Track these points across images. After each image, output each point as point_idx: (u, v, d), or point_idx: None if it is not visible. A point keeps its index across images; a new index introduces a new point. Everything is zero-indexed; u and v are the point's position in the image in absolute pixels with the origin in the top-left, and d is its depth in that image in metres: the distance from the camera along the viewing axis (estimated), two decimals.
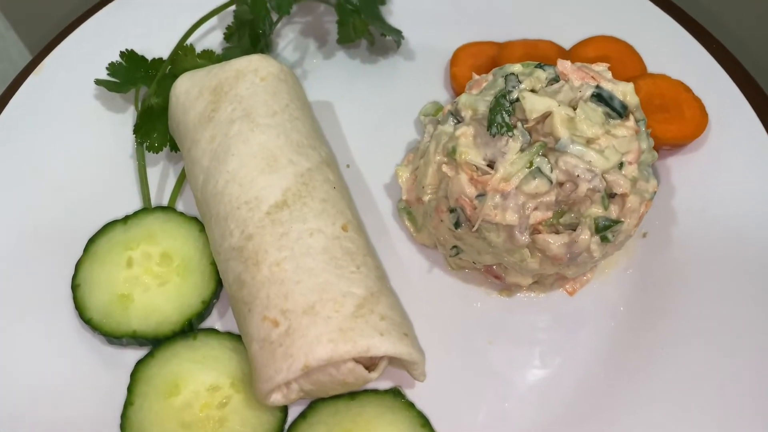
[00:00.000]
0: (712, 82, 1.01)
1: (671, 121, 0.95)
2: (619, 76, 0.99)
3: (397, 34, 1.09)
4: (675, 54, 1.04)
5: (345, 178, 1.00)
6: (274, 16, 1.08)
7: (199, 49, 1.10)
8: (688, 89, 0.98)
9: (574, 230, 0.80)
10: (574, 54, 1.03)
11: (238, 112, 0.89)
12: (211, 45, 1.13)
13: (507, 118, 0.79)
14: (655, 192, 0.83)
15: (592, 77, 0.84)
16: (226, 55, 1.09)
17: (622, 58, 1.02)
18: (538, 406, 0.83)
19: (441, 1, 1.15)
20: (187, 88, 0.94)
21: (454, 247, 0.88)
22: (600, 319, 0.89)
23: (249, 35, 1.09)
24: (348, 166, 1.02)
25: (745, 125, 0.97)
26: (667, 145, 0.96)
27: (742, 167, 0.94)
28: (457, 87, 1.07)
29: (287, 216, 0.82)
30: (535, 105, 0.78)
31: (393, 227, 0.97)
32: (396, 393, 0.81)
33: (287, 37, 1.15)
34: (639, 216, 0.82)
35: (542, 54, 1.05)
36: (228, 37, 1.12)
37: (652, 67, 1.03)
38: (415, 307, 0.89)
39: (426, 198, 0.89)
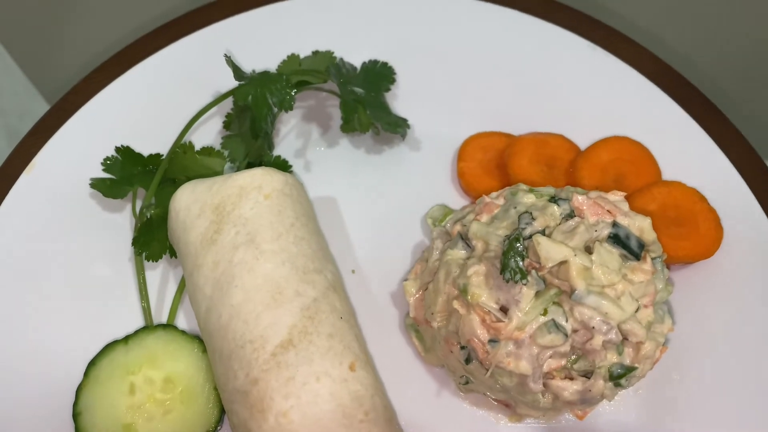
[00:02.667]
0: (728, 188, 0.98)
1: (685, 237, 0.93)
2: (633, 182, 0.98)
3: (403, 125, 1.06)
4: (691, 156, 1.01)
5: (349, 284, 0.98)
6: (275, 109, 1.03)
7: (197, 137, 1.06)
8: (702, 199, 0.96)
9: (588, 377, 0.78)
10: (587, 157, 1.00)
11: (242, 237, 0.86)
12: (209, 132, 1.09)
13: (521, 264, 0.77)
14: (670, 331, 0.82)
15: (608, 211, 0.81)
16: (226, 145, 1.06)
17: (637, 162, 0.99)
18: None
19: (449, 87, 1.10)
20: (187, 203, 0.91)
21: (464, 376, 0.86)
22: None
23: (250, 127, 1.04)
24: (353, 271, 1.00)
25: (761, 242, 0.95)
26: (680, 262, 0.93)
27: (752, 283, 0.92)
28: (464, 184, 1.03)
29: (293, 357, 0.80)
30: (550, 254, 0.76)
31: (400, 342, 0.95)
32: None
33: (289, 123, 1.11)
34: (654, 362, 0.80)
35: (553, 153, 1.02)
36: (227, 125, 1.09)
37: (667, 169, 1.00)
38: None
39: (435, 324, 0.87)
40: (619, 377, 0.78)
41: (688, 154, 1.01)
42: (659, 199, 0.95)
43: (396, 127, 1.04)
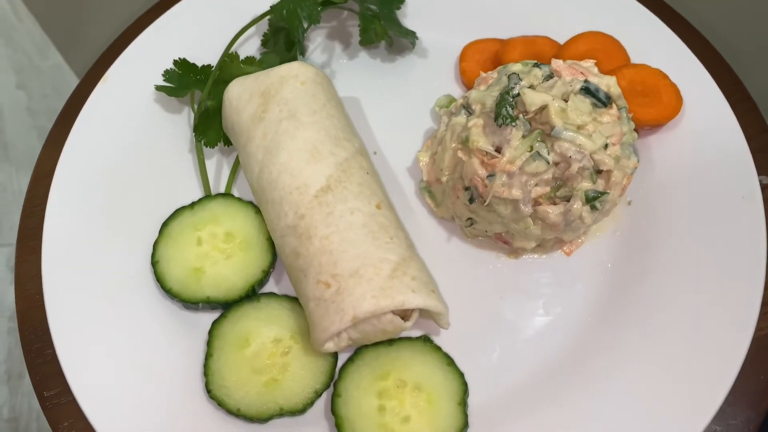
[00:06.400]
0: (686, 69, 1.17)
1: (651, 105, 1.11)
2: (606, 66, 1.16)
3: (412, 35, 1.25)
4: (655, 45, 1.19)
5: (374, 163, 1.17)
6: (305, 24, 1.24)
7: (241, 54, 1.27)
8: (665, 76, 1.14)
9: (569, 201, 0.97)
10: (566, 48, 1.19)
11: (285, 113, 1.06)
12: (250, 50, 1.30)
13: (511, 111, 0.96)
14: (635, 167, 1.00)
15: (581, 73, 1.00)
16: (265, 59, 1.26)
17: (609, 50, 1.18)
18: (541, 347, 1.01)
19: (450, 3, 1.30)
20: (238, 93, 1.11)
21: (469, 218, 1.05)
22: (592, 275, 1.06)
23: (284, 42, 1.25)
24: (375, 153, 1.19)
25: (715, 107, 1.13)
26: (647, 125, 1.12)
27: (712, 145, 1.10)
28: (466, 81, 1.23)
29: (331, 198, 0.99)
30: (533, 99, 0.95)
31: (416, 204, 1.15)
32: (426, 339, 0.99)
33: (316, 41, 1.32)
34: (622, 187, 0.98)
35: (539, 49, 1.21)
36: (265, 42, 1.29)
37: (635, 58, 1.19)
38: (437, 270, 1.06)
39: (444, 179, 1.06)
40: (594, 199, 0.96)
41: (652, 43, 1.19)
42: (628, 77, 1.13)
43: (407, 34, 1.24)
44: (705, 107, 1.14)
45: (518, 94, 0.97)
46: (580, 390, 0.97)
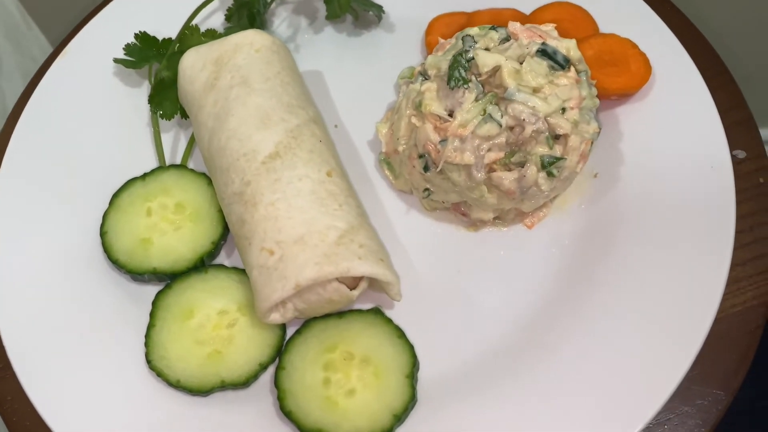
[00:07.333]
0: (657, 38, 1.13)
1: (618, 74, 1.07)
2: (573, 36, 1.11)
3: (378, 9, 1.23)
4: (624, 15, 1.15)
5: (333, 136, 1.13)
6: None
7: (202, 29, 1.24)
8: (634, 46, 1.10)
9: (524, 167, 0.93)
10: (532, 19, 1.15)
11: (237, 79, 1.03)
12: (213, 25, 1.27)
13: (463, 73, 0.92)
14: (597, 133, 0.96)
15: (539, 36, 0.97)
16: (227, 34, 1.23)
17: (577, 20, 1.14)
18: (498, 321, 0.96)
19: None
20: (192, 61, 1.09)
21: (426, 189, 1.02)
22: (555, 248, 1.02)
23: (247, 16, 1.22)
24: (336, 126, 1.16)
25: (686, 77, 1.09)
26: (615, 95, 1.08)
27: (682, 114, 1.06)
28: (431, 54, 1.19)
29: (279, 165, 0.96)
30: (486, 60, 0.91)
31: (375, 177, 1.11)
32: (377, 311, 0.95)
33: (281, 16, 1.29)
34: (580, 153, 0.94)
35: (505, 21, 1.15)
36: (228, 17, 1.26)
37: (604, 28, 1.15)
38: (395, 243, 1.03)
39: (401, 148, 1.03)
40: (550, 165, 0.92)
41: (621, 13, 1.15)
42: (596, 47, 1.09)
43: (372, 7, 1.21)
44: (675, 76, 1.09)
45: (472, 57, 0.94)
46: (537, 365, 0.92)
